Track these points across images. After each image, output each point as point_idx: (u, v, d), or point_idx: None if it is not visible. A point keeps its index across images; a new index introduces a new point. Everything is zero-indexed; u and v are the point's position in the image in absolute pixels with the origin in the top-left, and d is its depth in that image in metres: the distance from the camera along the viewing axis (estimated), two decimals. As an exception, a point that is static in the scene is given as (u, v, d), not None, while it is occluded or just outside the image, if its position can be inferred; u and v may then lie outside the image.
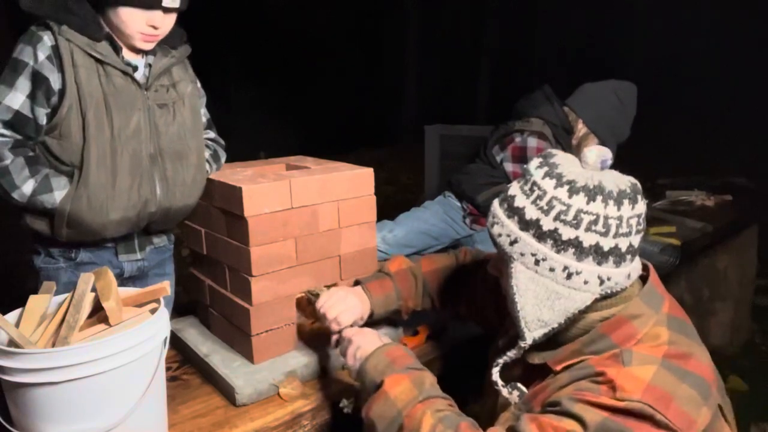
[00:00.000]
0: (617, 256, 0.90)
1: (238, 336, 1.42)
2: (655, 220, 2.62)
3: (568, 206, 0.89)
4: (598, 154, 0.93)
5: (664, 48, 10.96)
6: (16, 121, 1.24)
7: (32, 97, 1.25)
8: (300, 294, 1.42)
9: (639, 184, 0.95)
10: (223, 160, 1.61)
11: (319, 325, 1.40)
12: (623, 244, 0.90)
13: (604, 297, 0.93)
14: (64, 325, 0.98)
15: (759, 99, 8.34)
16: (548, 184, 0.92)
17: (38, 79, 1.25)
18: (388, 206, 2.13)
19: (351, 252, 1.50)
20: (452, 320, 1.54)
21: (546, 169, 0.94)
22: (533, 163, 0.97)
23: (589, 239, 0.89)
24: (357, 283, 1.43)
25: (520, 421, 0.89)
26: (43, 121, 1.28)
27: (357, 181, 1.48)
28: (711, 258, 3.03)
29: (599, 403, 0.83)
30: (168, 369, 1.39)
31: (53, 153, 1.30)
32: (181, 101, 1.44)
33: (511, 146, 2.12)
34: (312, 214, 1.40)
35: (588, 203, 0.89)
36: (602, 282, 0.91)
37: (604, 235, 0.89)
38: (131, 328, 0.97)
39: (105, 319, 1.03)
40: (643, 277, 1.01)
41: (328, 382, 1.33)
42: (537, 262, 0.92)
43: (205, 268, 1.57)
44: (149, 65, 1.39)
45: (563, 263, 0.90)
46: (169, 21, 1.34)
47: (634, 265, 0.95)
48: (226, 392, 1.29)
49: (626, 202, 0.90)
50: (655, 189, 3.22)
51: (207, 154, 1.56)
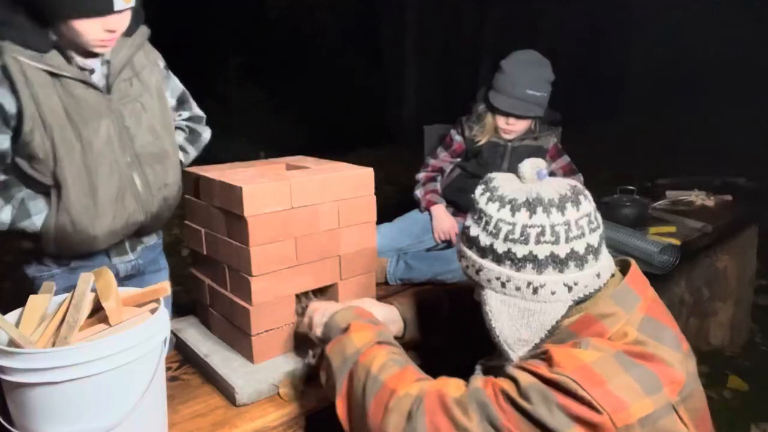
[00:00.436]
0: (577, 259, 0.91)
1: (238, 336, 1.42)
2: (655, 220, 2.62)
3: (513, 225, 0.92)
4: (531, 165, 0.97)
5: (664, 48, 10.96)
6: None
7: None
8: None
9: (580, 185, 0.97)
10: (206, 134, 1.53)
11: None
12: (580, 247, 0.91)
13: (579, 302, 0.94)
14: (64, 325, 0.98)
15: (759, 99, 8.34)
16: (492, 209, 0.95)
17: None
18: (388, 206, 2.12)
19: (351, 252, 1.50)
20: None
21: (488, 194, 0.97)
22: (477, 192, 1.00)
23: (542, 251, 0.91)
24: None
25: (475, 376, 0.96)
26: (6, 146, 1.21)
27: (357, 181, 1.48)
28: (711, 258, 3.02)
29: (534, 371, 0.87)
30: (168, 369, 1.39)
31: (28, 174, 1.24)
32: (147, 93, 1.35)
33: None
34: (312, 214, 1.40)
35: (530, 217, 0.91)
36: (570, 288, 0.92)
37: (555, 243, 0.90)
38: (131, 328, 0.97)
39: (105, 319, 1.03)
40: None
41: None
42: (503, 285, 0.95)
43: (205, 268, 1.57)
44: (107, 62, 1.30)
45: (526, 280, 0.92)
46: (125, 20, 1.24)
47: (603, 264, 0.96)
48: (226, 392, 1.29)
49: (569, 206, 0.92)
50: (655, 189, 3.22)
51: (181, 138, 1.49)
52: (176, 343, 1.55)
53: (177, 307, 1.76)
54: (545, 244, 0.90)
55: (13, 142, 1.21)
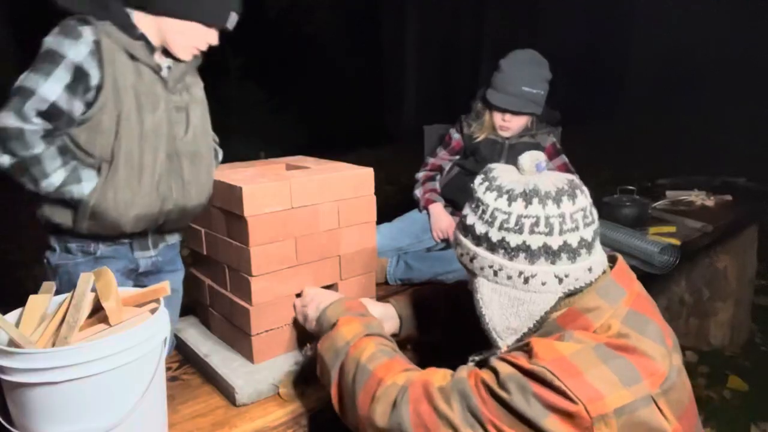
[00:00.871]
0: (569, 252, 0.93)
1: (238, 336, 1.42)
2: (655, 220, 2.62)
3: (509, 214, 0.94)
4: (531, 158, 0.98)
5: (665, 48, 10.96)
6: (51, 112, 1.23)
7: (70, 90, 1.24)
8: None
9: (577, 180, 0.98)
10: (221, 158, 1.61)
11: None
12: (573, 240, 0.93)
13: (569, 294, 0.95)
14: (64, 325, 0.98)
15: (759, 99, 8.34)
16: (490, 198, 0.97)
17: (79, 74, 1.25)
18: (388, 206, 2.13)
19: (351, 252, 1.50)
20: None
21: (487, 183, 0.99)
22: (477, 181, 1.02)
23: (535, 241, 0.92)
24: None
25: (461, 366, 0.98)
26: (78, 115, 1.28)
27: (357, 181, 1.48)
28: (711, 258, 3.03)
29: (513, 362, 0.88)
30: (168, 369, 1.39)
31: (80, 145, 1.29)
32: (194, 103, 1.47)
33: None
34: (312, 214, 1.40)
35: (526, 207, 0.93)
36: (561, 280, 0.93)
37: (549, 234, 0.92)
38: (131, 328, 0.97)
39: (105, 319, 1.03)
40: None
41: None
42: (495, 273, 0.96)
43: (205, 268, 1.57)
44: (169, 68, 1.41)
45: (518, 269, 0.94)
46: (217, 39, 1.42)
47: (595, 259, 0.96)
48: (226, 392, 1.29)
49: (565, 199, 0.93)
50: (655, 189, 3.22)
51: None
52: (176, 343, 1.55)
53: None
54: (539, 235, 0.92)
55: (81, 114, 1.29)
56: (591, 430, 0.81)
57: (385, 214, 2.08)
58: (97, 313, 1.05)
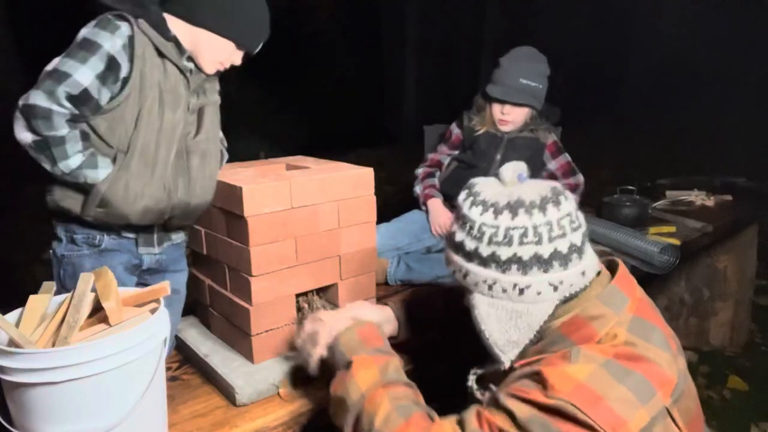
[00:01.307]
0: (561, 258, 0.92)
1: (238, 336, 1.42)
2: (655, 220, 2.62)
3: (497, 227, 0.93)
4: (512, 169, 0.99)
5: (664, 48, 10.96)
6: (81, 97, 1.27)
7: (102, 79, 1.29)
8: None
9: (560, 186, 0.98)
10: (225, 160, 1.63)
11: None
12: (563, 246, 0.93)
13: (565, 300, 0.95)
14: (64, 325, 0.98)
15: (759, 99, 8.34)
16: (475, 213, 0.96)
17: (112, 64, 1.30)
18: (388, 206, 2.13)
19: (351, 252, 1.50)
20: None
21: (471, 199, 0.99)
22: (461, 197, 1.02)
23: (526, 252, 0.92)
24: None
25: (468, 410, 0.94)
26: (104, 104, 1.32)
27: (357, 181, 1.49)
28: (711, 258, 3.03)
29: (530, 399, 0.86)
30: (168, 369, 1.39)
31: (99, 134, 1.34)
32: (209, 106, 1.51)
33: None
34: (312, 214, 1.40)
35: (513, 219, 0.93)
36: (556, 288, 0.93)
37: (539, 243, 0.92)
38: (131, 328, 0.97)
39: (105, 319, 1.03)
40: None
41: (329, 382, 1.32)
42: (490, 287, 0.96)
43: (205, 268, 1.57)
44: (191, 71, 1.46)
45: (512, 281, 0.93)
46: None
47: (587, 263, 0.96)
48: (226, 392, 1.29)
49: (550, 206, 0.93)
50: (655, 189, 3.22)
51: None
52: (176, 343, 1.55)
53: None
54: (529, 245, 0.92)
55: (106, 103, 1.34)
56: None
57: (385, 214, 2.08)
58: (97, 313, 1.05)
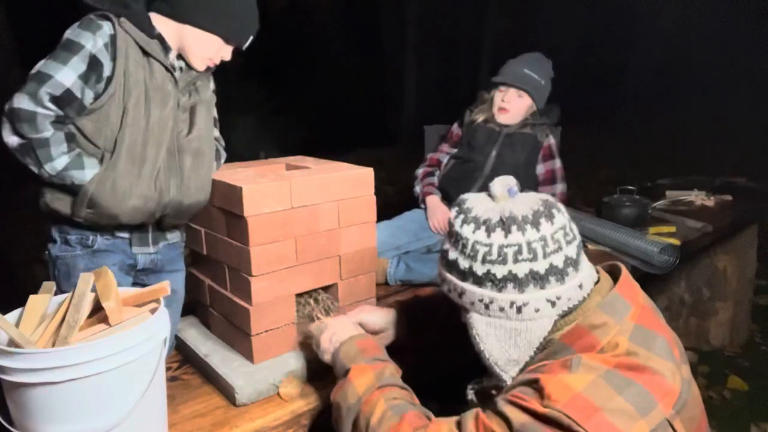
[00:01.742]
0: (557, 273, 0.91)
1: (238, 336, 1.42)
2: (655, 220, 2.62)
3: (490, 245, 0.92)
4: (502, 183, 0.97)
5: (665, 48, 10.96)
6: (64, 99, 1.28)
7: (84, 78, 1.29)
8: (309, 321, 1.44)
9: (552, 199, 0.97)
10: (223, 159, 1.62)
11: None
12: (558, 260, 0.91)
13: (564, 315, 0.94)
14: (64, 325, 0.98)
15: (759, 99, 8.35)
16: (467, 231, 0.95)
17: (94, 63, 1.30)
18: (388, 206, 2.13)
19: (351, 252, 1.50)
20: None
21: (462, 216, 0.97)
22: (452, 214, 1.00)
23: (521, 269, 0.90)
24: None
25: (469, 413, 0.94)
26: (88, 103, 1.32)
27: (357, 181, 1.48)
28: (711, 258, 3.03)
29: (526, 407, 0.85)
30: (168, 369, 1.39)
31: (85, 134, 1.34)
32: (200, 104, 1.50)
33: None
34: (312, 214, 1.40)
35: (506, 236, 0.91)
36: (554, 304, 0.92)
37: (534, 260, 0.90)
38: (131, 328, 0.97)
39: (105, 319, 1.03)
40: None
41: (328, 382, 1.32)
42: (486, 306, 0.94)
43: (205, 268, 1.57)
44: (181, 68, 1.46)
45: (509, 300, 0.92)
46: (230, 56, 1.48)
47: (584, 274, 0.95)
48: (226, 392, 1.29)
49: (543, 221, 0.91)
50: (655, 189, 3.22)
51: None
52: (176, 343, 1.55)
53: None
54: (524, 262, 0.90)
55: (90, 103, 1.34)
56: None
57: (385, 214, 2.08)
58: (97, 313, 1.05)
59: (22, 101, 1.24)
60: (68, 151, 1.30)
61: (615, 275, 1.02)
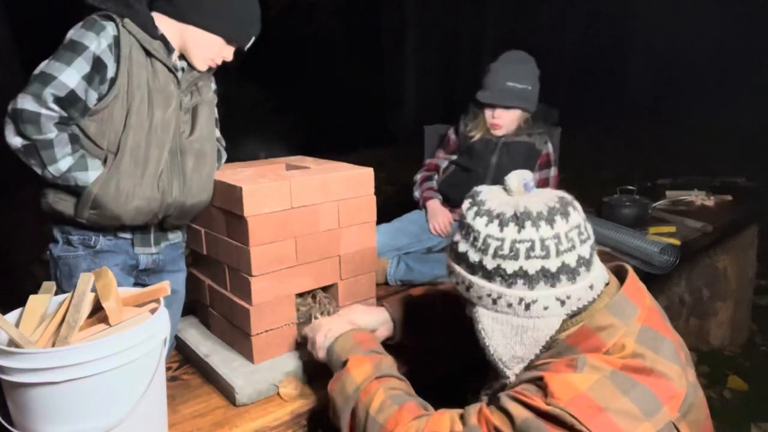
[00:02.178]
0: (569, 272, 0.89)
1: (238, 336, 1.42)
2: (655, 220, 2.62)
3: (502, 240, 0.90)
4: (518, 178, 0.95)
5: (665, 48, 10.96)
6: (68, 99, 1.27)
7: (88, 79, 1.29)
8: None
9: (569, 196, 0.94)
10: (224, 160, 1.63)
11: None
12: (571, 259, 0.89)
13: (573, 315, 0.93)
14: (64, 325, 0.98)
15: (759, 99, 8.35)
16: (480, 223, 0.93)
17: (98, 65, 1.30)
18: (388, 206, 2.13)
19: (351, 252, 1.50)
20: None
21: (475, 208, 0.95)
22: (464, 206, 0.98)
23: (532, 266, 0.88)
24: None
25: (473, 406, 0.94)
26: (92, 105, 1.32)
27: (357, 181, 1.48)
28: (711, 258, 3.03)
29: (529, 403, 0.85)
30: (168, 369, 1.39)
31: (89, 136, 1.34)
32: (203, 105, 1.50)
33: None
34: (312, 214, 1.40)
35: (519, 232, 0.89)
36: (563, 303, 0.90)
37: (546, 257, 0.88)
38: (131, 328, 0.97)
39: (105, 319, 1.03)
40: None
41: (328, 382, 1.33)
42: (494, 301, 0.92)
43: (205, 268, 1.57)
44: (183, 69, 1.46)
45: (517, 296, 0.90)
46: (232, 56, 1.48)
47: (595, 275, 0.94)
48: (226, 392, 1.29)
49: (558, 218, 0.89)
50: (655, 189, 3.22)
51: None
52: (176, 343, 1.55)
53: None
54: (535, 259, 0.88)
55: (94, 104, 1.34)
56: None
57: (385, 214, 2.08)
58: (97, 313, 1.05)
59: (26, 102, 1.23)
60: (72, 152, 1.30)
61: (621, 276, 1.01)
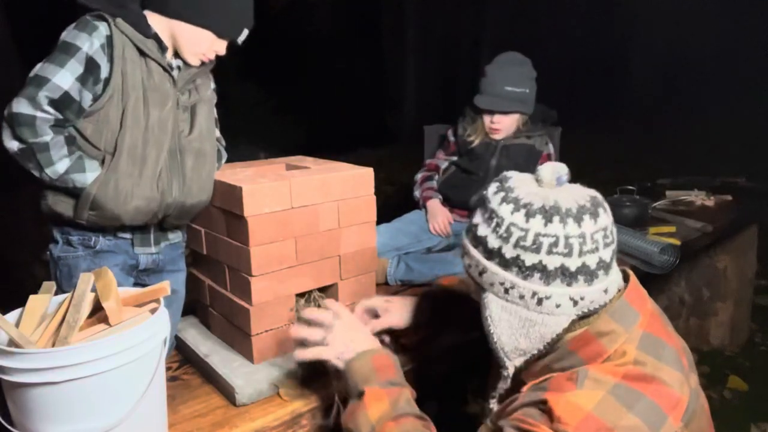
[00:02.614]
0: (587, 274, 0.87)
1: (238, 336, 1.42)
2: (655, 220, 2.62)
3: (526, 231, 0.87)
4: (552, 170, 0.92)
5: (665, 48, 10.96)
6: (63, 101, 1.27)
7: (82, 81, 1.29)
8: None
9: (600, 196, 0.92)
10: (224, 160, 1.63)
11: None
12: (592, 261, 0.87)
13: (583, 317, 0.91)
14: (64, 325, 0.98)
15: (759, 99, 8.34)
16: (505, 210, 0.90)
17: (91, 65, 1.30)
18: (388, 206, 2.13)
19: (351, 252, 1.50)
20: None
21: (502, 194, 0.92)
22: (491, 189, 0.95)
23: (552, 262, 0.86)
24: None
25: None
26: (87, 106, 1.32)
27: (357, 181, 1.48)
28: (711, 258, 3.03)
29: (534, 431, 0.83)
30: (168, 369, 1.39)
31: (86, 137, 1.34)
32: (201, 103, 1.49)
33: None
34: (312, 214, 1.40)
35: (545, 225, 0.86)
36: (576, 303, 0.88)
37: (568, 255, 0.86)
38: (131, 328, 0.97)
39: (105, 319, 1.03)
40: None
41: (328, 382, 1.32)
42: (506, 291, 0.90)
43: (205, 268, 1.57)
44: (178, 68, 1.46)
45: (531, 289, 0.88)
46: (226, 49, 1.46)
47: (612, 279, 0.92)
48: (226, 392, 1.29)
49: (587, 217, 0.87)
50: (655, 189, 3.22)
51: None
52: (176, 343, 1.55)
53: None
54: (557, 256, 0.86)
55: (89, 105, 1.34)
56: None
57: (385, 214, 2.08)
58: (97, 313, 1.05)
59: (20, 106, 1.24)
60: (69, 154, 1.30)
61: (623, 280, 0.99)
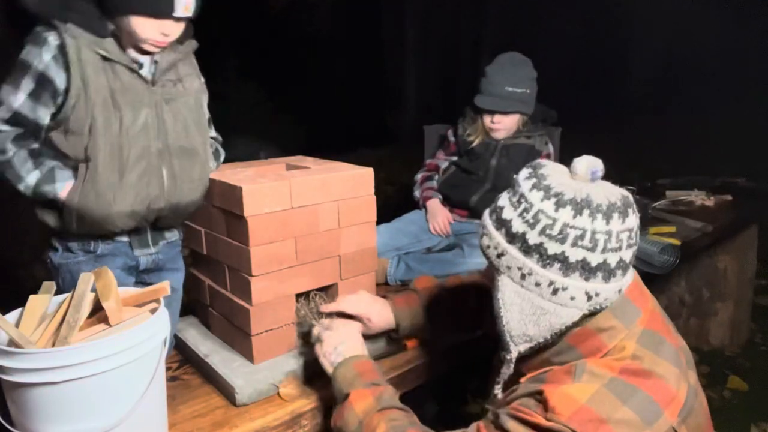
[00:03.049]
0: (606, 271, 0.87)
1: (238, 336, 1.42)
2: (655, 220, 2.62)
3: (554, 220, 0.86)
4: (587, 164, 0.91)
5: (665, 48, 10.96)
6: (16, 120, 1.27)
7: (35, 97, 1.27)
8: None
9: (631, 197, 0.92)
10: (222, 158, 1.62)
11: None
12: (613, 260, 0.87)
13: (593, 313, 0.91)
14: (64, 325, 0.99)
15: (759, 99, 8.34)
16: (535, 197, 0.89)
17: (43, 80, 1.27)
18: (388, 206, 2.13)
19: (351, 252, 1.50)
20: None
21: (534, 180, 0.91)
22: (522, 174, 0.95)
23: (575, 254, 0.86)
24: None
25: (471, 426, 0.94)
26: (46, 121, 1.30)
27: (357, 181, 1.48)
28: (711, 258, 3.03)
29: (530, 421, 0.84)
30: (168, 369, 1.39)
31: (58, 147, 1.32)
32: (187, 96, 1.45)
33: None
34: (312, 214, 1.40)
35: (574, 217, 0.86)
36: (590, 298, 0.88)
37: (592, 250, 0.86)
38: (131, 328, 0.97)
39: (105, 319, 1.03)
40: None
41: (328, 383, 1.32)
42: (523, 276, 0.90)
43: (205, 268, 1.57)
44: (155, 62, 1.41)
45: (549, 278, 0.88)
46: (179, 28, 1.35)
47: (626, 280, 0.93)
48: (226, 392, 1.29)
49: (616, 216, 0.87)
50: (655, 189, 3.22)
51: (210, 150, 1.56)
52: (176, 343, 1.55)
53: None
54: (580, 249, 0.86)
55: (52, 118, 1.31)
56: None
57: (385, 214, 2.08)
58: (97, 313, 1.05)
59: None
60: (35, 167, 1.29)
61: None
